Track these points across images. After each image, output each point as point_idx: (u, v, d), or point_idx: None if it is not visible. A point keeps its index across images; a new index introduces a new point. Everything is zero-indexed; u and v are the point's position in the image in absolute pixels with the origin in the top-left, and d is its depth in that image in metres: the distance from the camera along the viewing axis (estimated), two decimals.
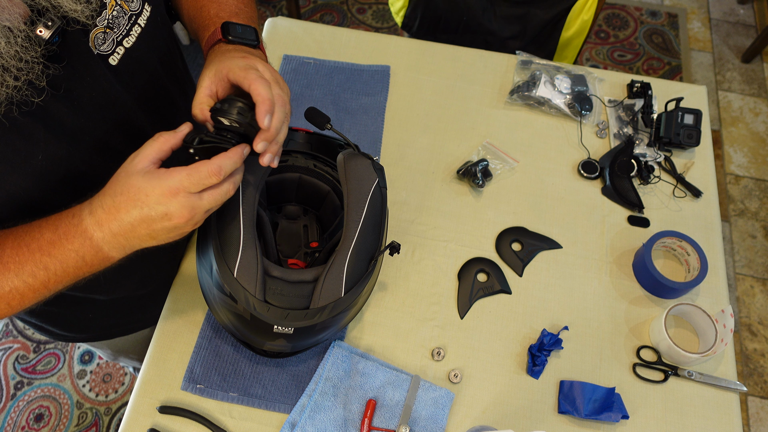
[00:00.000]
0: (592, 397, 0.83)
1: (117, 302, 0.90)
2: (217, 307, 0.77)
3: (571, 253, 0.97)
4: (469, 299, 0.91)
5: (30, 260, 0.59)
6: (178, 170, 0.57)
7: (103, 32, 0.64)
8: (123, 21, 0.66)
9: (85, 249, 0.59)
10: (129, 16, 0.67)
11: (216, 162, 0.58)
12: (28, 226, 0.61)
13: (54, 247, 0.59)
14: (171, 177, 0.57)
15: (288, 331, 0.72)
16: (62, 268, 0.60)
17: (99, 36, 0.64)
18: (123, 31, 0.67)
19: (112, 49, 0.66)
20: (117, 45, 0.66)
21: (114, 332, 1.01)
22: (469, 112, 1.11)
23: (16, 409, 1.62)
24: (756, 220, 2.10)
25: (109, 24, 0.65)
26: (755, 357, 1.84)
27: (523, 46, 1.42)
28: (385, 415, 0.80)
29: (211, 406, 0.81)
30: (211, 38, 0.72)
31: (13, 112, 0.56)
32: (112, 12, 0.65)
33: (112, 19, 0.65)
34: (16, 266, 0.59)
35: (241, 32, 0.72)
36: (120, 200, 0.57)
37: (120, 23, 0.66)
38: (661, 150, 1.07)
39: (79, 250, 0.59)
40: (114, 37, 0.66)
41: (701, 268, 0.91)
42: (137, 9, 0.68)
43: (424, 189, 1.01)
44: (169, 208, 0.57)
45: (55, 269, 0.60)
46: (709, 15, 2.64)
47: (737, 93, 2.40)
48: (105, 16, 0.64)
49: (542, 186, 1.03)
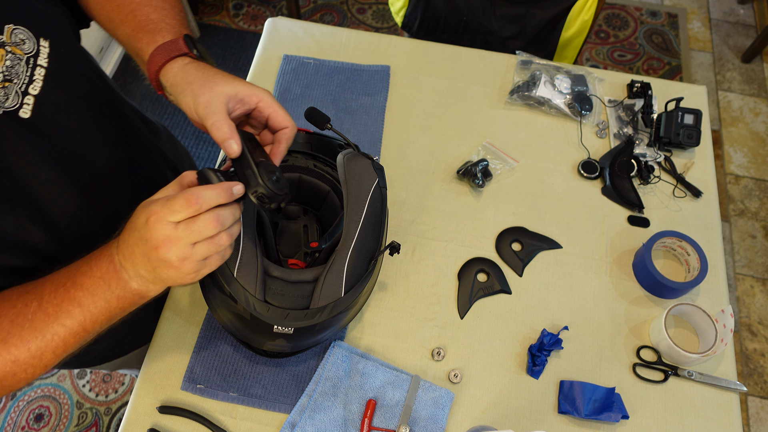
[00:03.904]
0: (592, 397, 0.83)
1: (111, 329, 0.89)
2: (217, 307, 0.77)
3: (571, 253, 0.97)
4: (469, 299, 0.91)
5: (66, 299, 0.58)
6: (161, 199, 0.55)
7: (1, 87, 0.58)
8: (21, 68, 0.60)
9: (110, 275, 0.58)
10: (26, 60, 0.60)
11: (193, 190, 0.55)
12: (68, 266, 0.60)
13: (86, 277, 0.58)
14: (152, 204, 0.55)
15: (288, 331, 0.72)
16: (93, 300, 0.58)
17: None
18: (25, 80, 0.60)
19: (19, 101, 0.60)
20: (23, 96, 0.60)
21: (108, 356, 0.99)
22: (469, 112, 1.11)
23: (16, 409, 1.62)
24: (756, 220, 2.10)
25: (5, 77, 0.58)
26: (755, 357, 1.84)
27: (523, 46, 1.42)
28: (385, 415, 0.80)
29: (211, 406, 0.81)
30: (171, 48, 0.66)
31: None
32: (5, 63, 0.58)
33: (7, 69, 0.58)
34: (54, 309, 0.58)
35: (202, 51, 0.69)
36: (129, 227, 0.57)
37: (18, 72, 0.59)
38: (661, 150, 1.07)
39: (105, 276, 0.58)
40: (16, 88, 0.59)
41: (701, 268, 0.91)
42: (32, 50, 0.61)
43: (424, 189, 1.01)
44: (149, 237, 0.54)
45: (88, 303, 0.58)
46: (709, 15, 2.64)
47: (737, 93, 2.40)
48: None
49: (542, 186, 1.03)
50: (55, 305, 0.58)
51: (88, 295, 0.58)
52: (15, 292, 0.61)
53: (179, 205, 0.54)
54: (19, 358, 0.58)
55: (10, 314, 0.59)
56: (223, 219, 0.57)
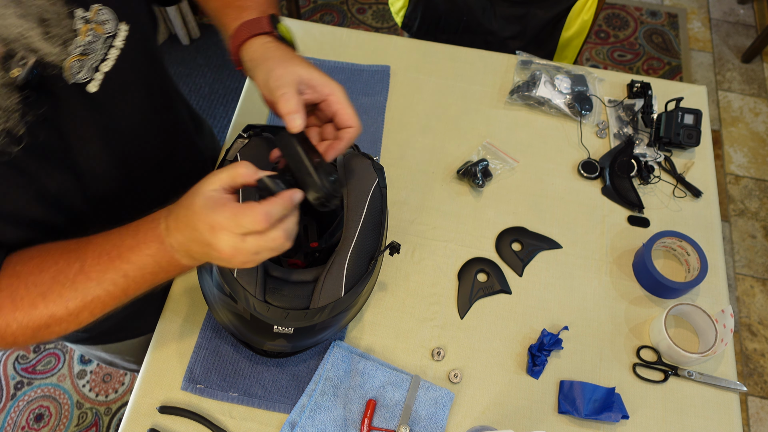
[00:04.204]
0: (592, 397, 0.83)
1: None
2: (217, 307, 0.77)
3: (571, 253, 0.97)
4: (469, 299, 0.91)
5: (111, 268, 0.59)
6: (227, 208, 0.55)
7: (78, 60, 0.61)
8: (98, 46, 0.63)
9: (161, 255, 0.59)
10: (104, 39, 0.64)
11: (263, 208, 0.55)
12: (109, 233, 0.61)
13: (133, 253, 0.59)
14: (219, 213, 0.55)
15: (288, 331, 0.72)
16: (141, 274, 0.60)
17: (74, 65, 0.61)
18: (100, 57, 0.64)
19: (90, 76, 0.63)
20: (94, 71, 0.63)
21: (108, 339, 1.00)
22: (469, 112, 1.11)
23: (16, 409, 1.62)
24: (756, 220, 2.10)
25: (83, 51, 0.62)
26: (755, 357, 1.84)
27: (523, 46, 1.42)
28: (385, 415, 0.80)
29: (211, 406, 0.81)
30: (254, 26, 0.68)
31: None
32: (86, 38, 0.62)
33: (87, 44, 0.62)
34: (97, 275, 0.60)
35: (285, 32, 0.70)
36: (183, 215, 0.57)
37: (95, 48, 0.63)
38: (661, 150, 1.07)
39: (156, 255, 0.59)
40: (90, 63, 0.63)
41: (701, 268, 0.91)
42: (112, 31, 0.65)
43: (424, 189, 1.01)
44: (212, 241, 0.56)
45: (134, 276, 0.60)
46: (709, 15, 2.64)
47: (737, 93, 2.40)
48: (78, 44, 0.61)
49: (542, 186, 1.03)
50: (99, 271, 0.60)
51: (135, 269, 0.60)
52: (57, 249, 0.62)
53: (249, 222, 0.54)
54: (56, 314, 0.61)
55: (52, 270, 0.60)
56: (290, 231, 0.58)
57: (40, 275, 0.60)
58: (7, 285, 0.61)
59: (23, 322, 0.60)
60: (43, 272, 0.60)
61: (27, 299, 0.60)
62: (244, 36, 0.68)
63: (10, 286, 0.61)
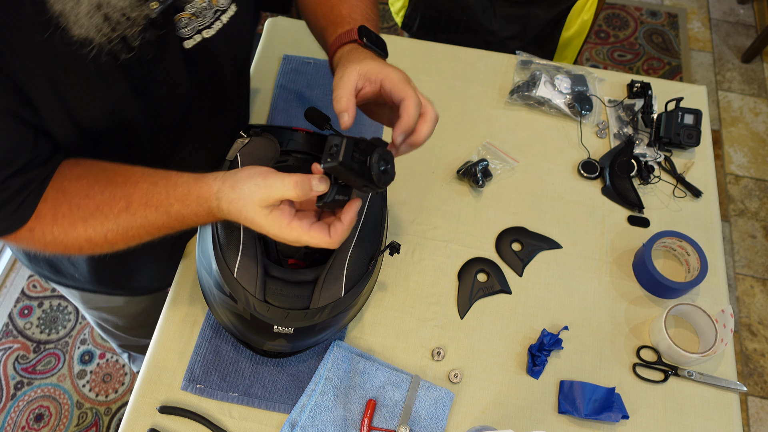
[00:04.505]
0: (592, 397, 0.83)
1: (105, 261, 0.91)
2: (217, 307, 0.77)
3: (571, 253, 0.97)
4: (469, 299, 0.91)
5: (155, 215, 0.65)
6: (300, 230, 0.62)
7: (188, 18, 0.68)
8: (208, 13, 0.69)
9: (208, 220, 0.66)
10: (215, 10, 0.70)
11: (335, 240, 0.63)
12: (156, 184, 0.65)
13: (184, 219, 0.65)
14: (291, 234, 0.62)
15: (288, 331, 0.72)
16: (182, 225, 0.66)
17: (183, 20, 0.67)
18: (206, 23, 0.70)
19: (191, 35, 0.69)
20: (196, 32, 0.69)
21: (92, 289, 1.01)
22: (469, 112, 1.11)
23: (16, 409, 1.62)
24: (756, 220, 2.10)
25: (195, 12, 0.68)
26: (755, 357, 1.84)
27: (523, 46, 1.42)
28: (385, 415, 0.80)
29: (211, 406, 0.81)
30: (344, 36, 0.74)
31: (101, 59, 0.59)
32: (202, 3, 0.68)
33: (200, 9, 0.68)
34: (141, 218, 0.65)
35: (375, 39, 0.74)
36: (242, 217, 0.63)
37: (205, 15, 0.69)
38: (661, 150, 1.07)
39: (205, 221, 0.66)
40: (196, 25, 0.69)
41: (701, 268, 0.91)
42: (224, 6, 0.71)
43: (424, 189, 1.01)
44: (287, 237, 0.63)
45: (177, 228, 0.67)
46: (709, 15, 2.64)
47: (737, 93, 2.40)
48: (194, 5, 0.67)
49: (542, 186, 1.03)
50: (143, 216, 0.64)
51: (177, 224, 0.66)
52: (105, 178, 0.66)
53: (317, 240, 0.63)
54: (94, 239, 0.65)
55: (98, 199, 0.64)
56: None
57: (85, 200, 0.64)
58: (52, 197, 0.64)
59: (59, 237, 0.64)
60: (88, 198, 0.64)
61: (68, 218, 0.64)
62: (334, 47, 0.74)
63: (55, 200, 0.64)
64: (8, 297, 1.80)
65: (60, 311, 1.78)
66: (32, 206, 0.63)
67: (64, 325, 1.75)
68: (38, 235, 0.64)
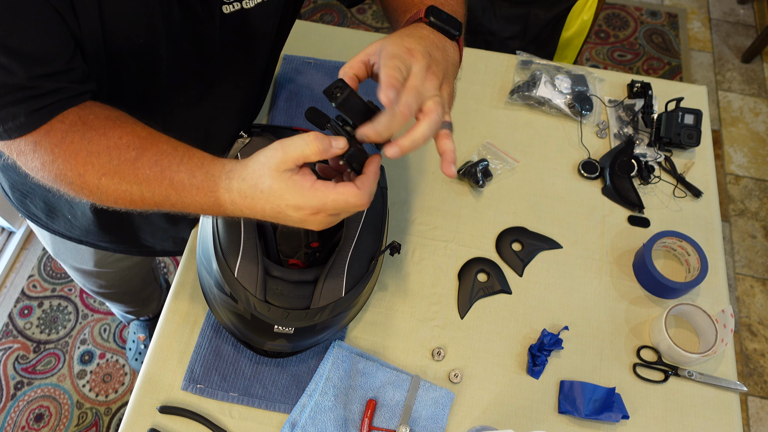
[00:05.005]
0: (592, 397, 0.83)
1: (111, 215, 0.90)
2: (218, 307, 0.77)
3: (571, 253, 0.97)
4: (469, 299, 0.91)
5: (156, 183, 0.61)
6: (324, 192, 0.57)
7: None
8: None
9: (210, 206, 0.62)
10: None
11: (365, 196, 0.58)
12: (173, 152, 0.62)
13: (184, 191, 0.61)
14: (313, 199, 0.57)
15: (288, 331, 0.72)
16: (181, 206, 0.63)
17: None
18: None
19: (231, 1, 0.69)
20: (236, 2, 0.69)
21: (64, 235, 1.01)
22: (469, 112, 1.11)
23: (16, 409, 1.62)
24: (756, 220, 2.10)
25: None
26: (755, 357, 1.84)
27: (524, 46, 1.42)
28: (385, 415, 0.80)
29: (212, 406, 0.81)
30: (412, 18, 0.70)
31: None
32: None
33: None
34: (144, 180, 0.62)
35: (445, 19, 0.68)
36: (258, 196, 0.58)
37: None
38: (661, 150, 1.07)
39: (204, 205, 0.62)
40: None
41: (701, 268, 0.91)
42: None
43: (424, 189, 1.01)
44: (305, 218, 0.58)
45: (174, 203, 0.63)
46: (709, 15, 2.64)
47: (737, 93, 2.40)
48: None
49: (542, 186, 1.03)
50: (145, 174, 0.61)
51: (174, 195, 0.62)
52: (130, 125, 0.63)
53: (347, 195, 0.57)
54: (87, 179, 0.62)
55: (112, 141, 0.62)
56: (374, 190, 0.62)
57: (99, 136, 0.61)
58: (70, 121, 0.61)
59: (56, 161, 0.61)
60: (104, 136, 0.61)
61: (74, 146, 0.61)
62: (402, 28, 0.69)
63: (73, 125, 0.61)
64: (8, 297, 1.80)
65: (60, 311, 1.78)
66: (51, 115, 0.60)
67: (64, 325, 1.75)
68: (40, 151, 0.61)
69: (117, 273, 1.20)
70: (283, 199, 0.57)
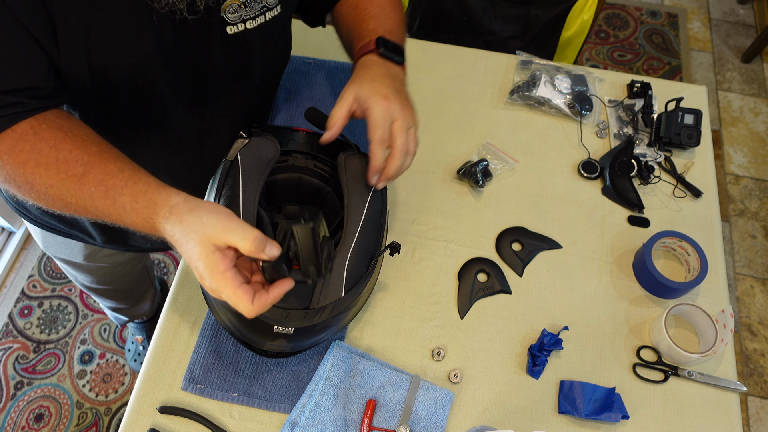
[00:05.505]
0: (592, 397, 0.83)
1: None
2: (217, 307, 0.77)
3: (571, 253, 0.97)
4: (469, 299, 0.91)
5: (100, 200, 0.64)
6: (227, 284, 0.60)
7: (237, 5, 0.71)
8: (257, 6, 0.73)
9: (148, 230, 0.64)
10: (262, 6, 0.73)
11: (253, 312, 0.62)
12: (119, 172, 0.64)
13: (125, 212, 0.63)
14: (218, 283, 0.60)
15: (288, 331, 0.72)
16: (121, 223, 0.65)
17: (233, 6, 0.71)
18: (251, 14, 0.73)
19: (236, 22, 0.72)
20: (240, 21, 0.73)
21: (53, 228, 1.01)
22: (469, 112, 1.11)
23: (16, 409, 1.62)
24: (756, 220, 2.10)
25: (245, 1, 0.72)
26: (755, 357, 1.84)
27: (524, 46, 1.42)
28: (385, 415, 0.80)
29: (212, 406, 0.81)
30: (365, 47, 0.80)
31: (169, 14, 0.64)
32: None
33: (250, 0, 0.72)
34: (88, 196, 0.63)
35: (392, 48, 0.80)
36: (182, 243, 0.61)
37: (253, 6, 0.73)
38: (661, 150, 1.07)
39: (143, 228, 0.64)
40: (243, 14, 0.72)
41: (701, 268, 0.91)
42: (272, 4, 0.75)
43: (424, 189, 1.01)
44: (204, 280, 0.62)
45: (115, 220, 0.65)
46: (709, 15, 2.64)
47: (737, 93, 2.40)
48: None
49: (542, 186, 1.03)
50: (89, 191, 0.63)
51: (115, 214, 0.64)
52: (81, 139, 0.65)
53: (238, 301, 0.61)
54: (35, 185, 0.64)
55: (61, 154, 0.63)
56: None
57: (49, 148, 0.63)
58: (22, 131, 0.63)
59: (6, 167, 0.64)
60: (54, 149, 0.63)
61: (23, 155, 0.63)
62: (356, 57, 0.81)
63: (24, 134, 0.63)
64: (8, 297, 1.80)
65: (60, 311, 1.78)
66: (3, 126, 0.63)
67: (64, 325, 1.75)
68: None
69: (109, 268, 1.20)
70: (196, 263, 0.61)
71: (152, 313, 1.61)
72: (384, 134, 0.74)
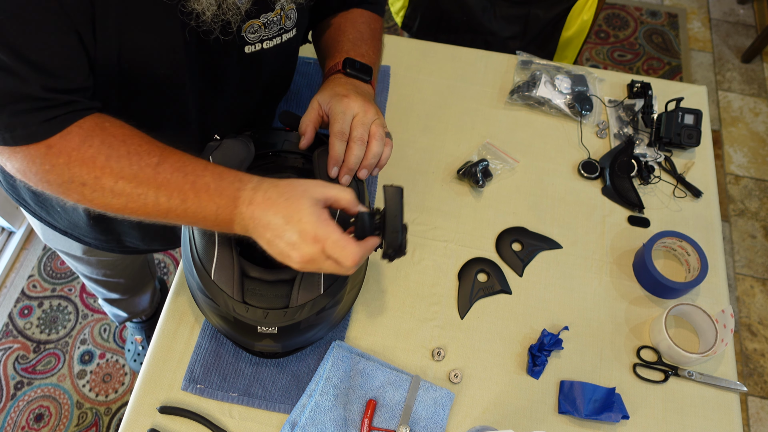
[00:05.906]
0: (592, 397, 0.83)
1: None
2: (206, 311, 0.77)
3: (571, 253, 0.97)
4: (469, 299, 0.91)
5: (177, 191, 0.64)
6: (334, 230, 0.62)
7: (258, 26, 0.73)
8: (275, 29, 0.75)
9: (223, 210, 0.64)
10: (279, 28, 0.76)
11: (359, 252, 0.63)
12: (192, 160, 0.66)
13: (207, 193, 0.64)
14: (324, 229, 0.62)
15: (272, 331, 0.72)
16: (192, 210, 0.64)
17: (254, 26, 0.72)
18: (269, 35, 0.75)
19: (254, 42, 0.74)
20: (258, 41, 0.75)
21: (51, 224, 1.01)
22: (469, 112, 1.11)
23: (16, 409, 1.62)
24: (756, 220, 2.10)
25: (266, 23, 0.73)
26: (755, 357, 1.84)
27: (524, 46, 1.42)
28: (385, 415, 0.80)
29: (212, 406, 0.81)
30: (334, 67, 0.83)
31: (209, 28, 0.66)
32: (274, 17, 0.74)
33: (271, 21, 0.74)
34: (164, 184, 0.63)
35: (358, 68, 0.82)
36: (279, 202, 0.62)
37: (272, 28, 0.75)
38: (661, 150, 1.07)
39: (220, 208, 0.64)
40: (261, 34, 0.74)
41: (701, 268, 0.91)
42: (289, 27, 0.77)
43: (424, 189, 1.01)
44: (300, 245, 0.62)
45: (186, 208, 0.64)
46: (709, 15, 2.64)
47: (737, 93, 2.40)
48: (268, 16, 0.73)
49: (542, 186, 1.03)
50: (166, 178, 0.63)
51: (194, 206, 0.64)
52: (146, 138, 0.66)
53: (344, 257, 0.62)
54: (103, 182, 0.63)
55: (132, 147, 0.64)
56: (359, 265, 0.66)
57: (119, 142, 0.63)
58: (89, 126, 0.63)
59: (72, 164, 0.62)
60: (123, 143, 0.64)
61: (94, 149, 0.62)
62: (325, 77, 0.84)
63: (91, 130, 0.63)
64: (8, 297, 1.80)
65: (60, 311, 1.78)
66: (64, 124, 0.62)
67: (64, 325, 1.75)
68: (53, 153, 0.61)
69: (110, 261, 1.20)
70: (297, 218, 0.62)
71: (151, 313, 1.61)
72: (343, 127, 0.75)
